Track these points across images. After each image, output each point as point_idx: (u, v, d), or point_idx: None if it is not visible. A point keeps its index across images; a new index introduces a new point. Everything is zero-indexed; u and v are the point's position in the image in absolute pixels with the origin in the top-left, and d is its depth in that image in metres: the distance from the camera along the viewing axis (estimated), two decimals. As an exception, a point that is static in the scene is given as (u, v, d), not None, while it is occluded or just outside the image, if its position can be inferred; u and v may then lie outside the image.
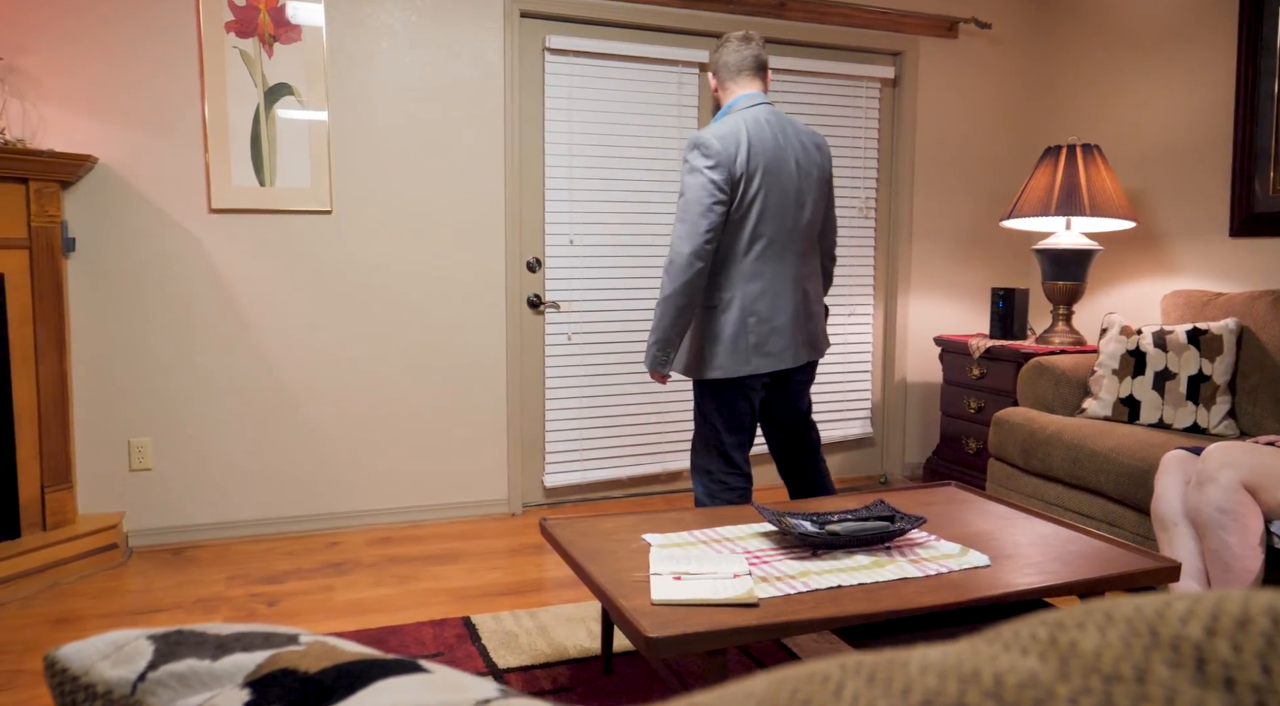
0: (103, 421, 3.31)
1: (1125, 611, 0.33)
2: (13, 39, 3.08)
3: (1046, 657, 0.31)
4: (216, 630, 0.73)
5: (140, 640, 0.70)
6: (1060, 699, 0.27)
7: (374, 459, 3.65)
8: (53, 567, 3.03)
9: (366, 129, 3.51)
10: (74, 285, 3.23)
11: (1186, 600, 0.33)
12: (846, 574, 2.05)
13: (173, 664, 0.67)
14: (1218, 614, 0.32)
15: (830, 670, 0.33)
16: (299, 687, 0.64)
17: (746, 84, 2.72)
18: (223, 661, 0.67)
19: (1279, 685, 0.28)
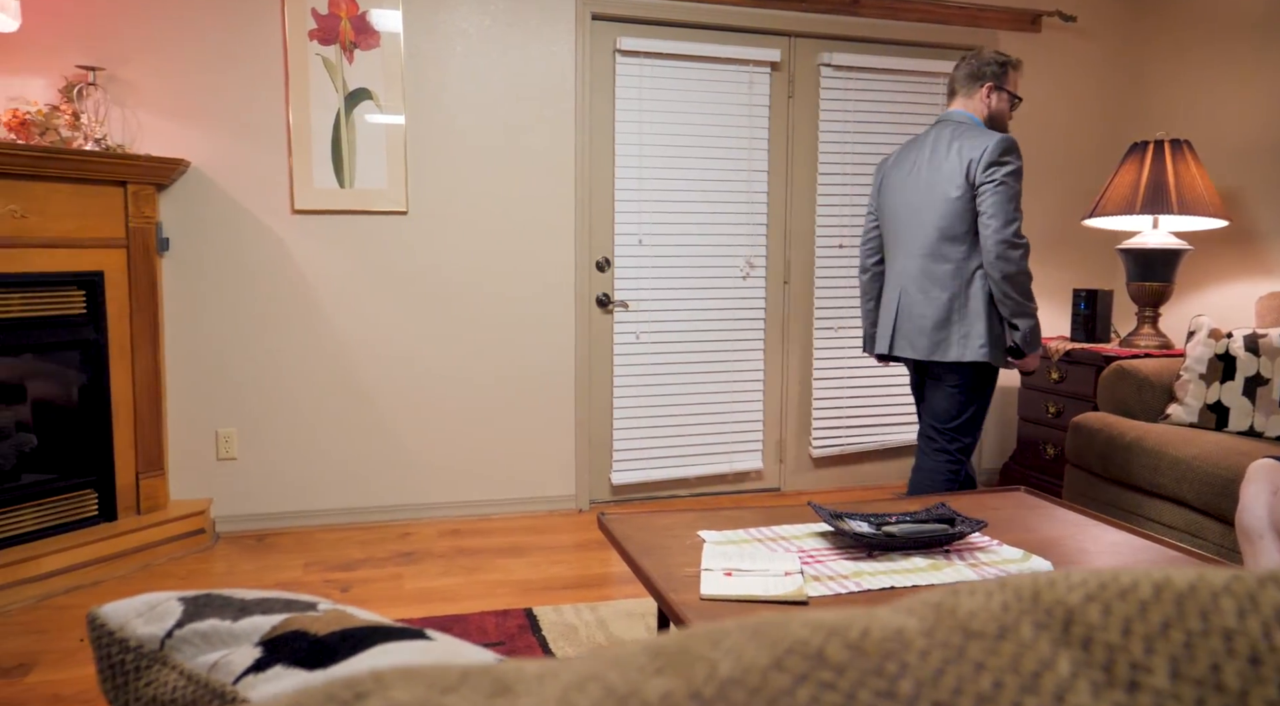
0: (192, 412, 3.49)
1: (1020, 581, 0.34)
2: (115, 50, 3.27)
3: (924, 617, 0.32)
4: (241, 595, 0.77)
5: (171, 601, 0.75)
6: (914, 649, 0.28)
7: (446, 453, 3.75)
8: (145, 549, 3.20)
9: (441, 131, 3.61)
10: (167, 282, 3.41)
11: (1089, 575, 0.34)
12: (901, 575, 2.02)
13: (197, 623, 0.71)
14: (1106, 584, 0.32)
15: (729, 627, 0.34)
16: (306, 647, 0.68)
17: (951, 102, 2.95)
18: (242, 622, 0.72)
19: (1133, 645, 0.29)
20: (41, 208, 2.94)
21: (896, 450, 4.39)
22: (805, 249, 4.14)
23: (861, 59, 4.05)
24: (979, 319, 2.77)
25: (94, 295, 3.11)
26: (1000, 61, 2.87)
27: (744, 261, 4.04)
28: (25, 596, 2.85)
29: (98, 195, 3.08)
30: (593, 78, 3.78)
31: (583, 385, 3.87)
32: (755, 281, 4.07)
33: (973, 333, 2.78)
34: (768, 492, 4.21)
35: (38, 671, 2.44)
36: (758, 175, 4.01)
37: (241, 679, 0.65)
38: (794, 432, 4.22)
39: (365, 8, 3.47)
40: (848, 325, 4.21)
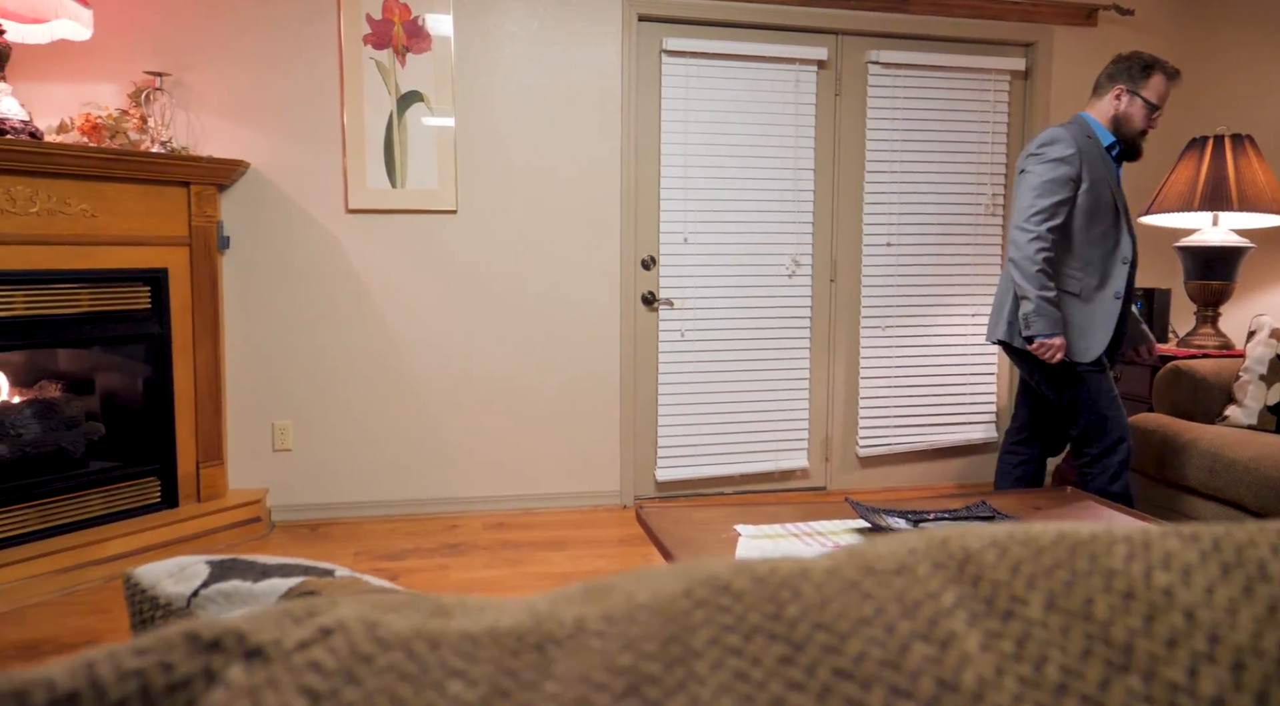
0: (250, 404, 3.61)
1: (936, 531, 0.36)
2: (181, 57, 3.40)
3: (835, 558, 0.34)
4: (264, 560, 0.82)
5: (199, 563, 0.81)
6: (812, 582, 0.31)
7: (492, 448, 3.82)
8: (204, 536, 3.33)
9: (490, 132, 3.68)
10: (227, 279, 3.54)
11: (1003, 528, 0.36)
12: (936, 572, 2.01)
13: (221, 583, 0.76)
14: (1013, 533, 0.34)
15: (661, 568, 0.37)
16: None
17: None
18: (262, 583, 0.76)
19: (1018, 582, 0.31)
20: (111, 207, 3.08)
21: (947, 450, 4.35)
22: (852, 247, 4.12)
23: (910, 56, 4.02)
24: (1008, 300, 2.93)
25: (158, 291, 3.24)
26: (1144, 63, 2.82)
27: (789, 259, 4.04)
28: (92, 577, 2.99)
29: (163, 195, 3.22)
30: (639, 78, 3.81)
31: (628, 382, 3.91)
32: (801, 279, 4.06)
33: (1003, 313, 2.96)
34: (813, 491, 4.19)
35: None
36: (804, 173, 4.01)
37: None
38: (840, 431, 4.21)
39: (418, 12, 3.55)
40: (895, 323, 4.18)
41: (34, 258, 2.91)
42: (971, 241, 4.24)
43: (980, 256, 4.26)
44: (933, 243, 4.18)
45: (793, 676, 0.27)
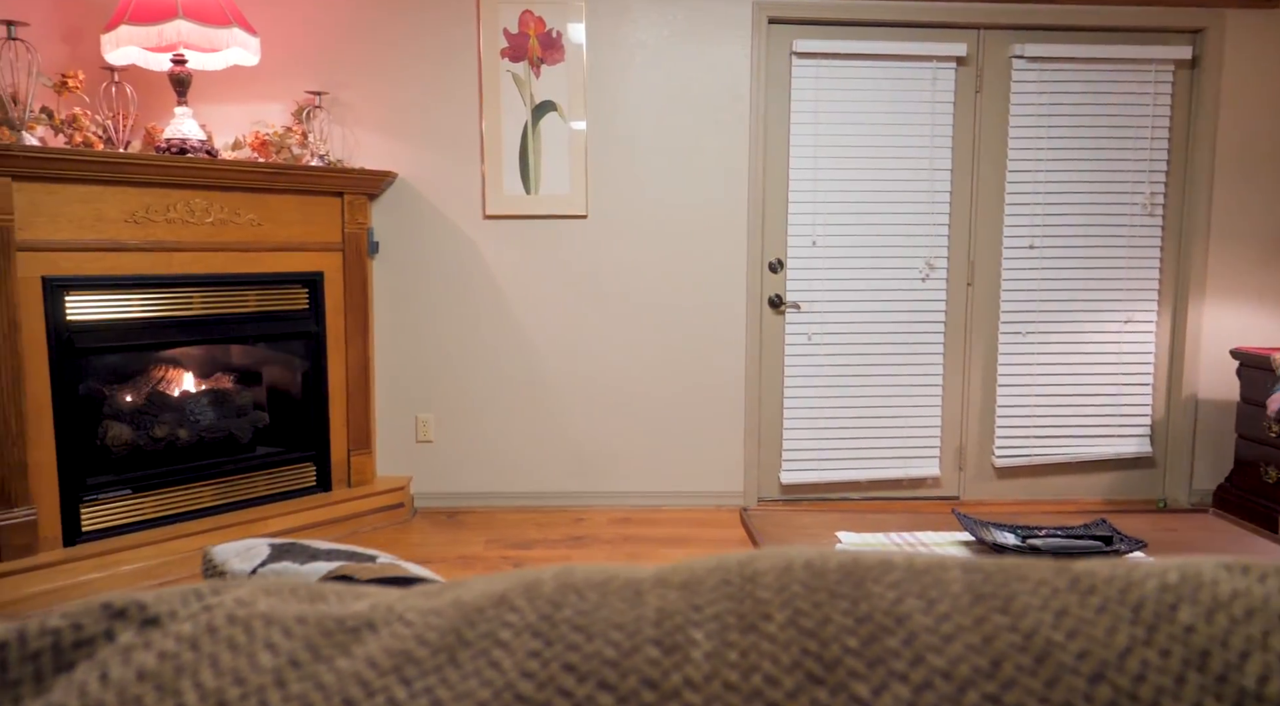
0: (396, 398, 3.87)
1: (745, 555, 0.41)
2: (338, 76, 3.69)
3: (658, 572, 0.39)
4: (318, 545, 0.93)
5: (263, 545, 0.92)
6: (591, 591, 0.36)
7: (620, 444, 3.93)
8: (353, 519, 3.60)
9: (620, 138, 3.79)
10: (376, 281, 3.81)
11: (804, 555, 0.40)
12: (1040, 591, 1.94)
13: (275, 563, 0.87)
14: (811, 559, 0.38)
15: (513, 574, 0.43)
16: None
17: None
18: (308, 565, 0.86)
19: (775, 603, 0.35)
20: (274, 216, 3.39)
21: (1094, 464, 4.11)
22: (991, 249, 3.97)
23: (1059, 49, 3.83)
24: None
25: (315, 293, 3.54)
26: None
27: (923, 262, 3.94)
28: (253, 552, 3.30)
29: (319, 205, 3.50)
30: (768, 81, 3.82)
31: (753, 384, 3.93)
32: (935, 283, 3.95)
33: None
34: (945, 500, 4.07)
35: (256, 616, 2.83)
36: (940, 174, 3.89)
37: None
38: (975, 440, 4.06)
39: (552, 25, 3.70)
40: (1038, 329, 3.99)
41: (209, 263, 3.24)
42: (1127, 243, 3.99)
43: (1136, 259, 4.00)
44: (1081, 244, 3.97)
45: (530, 667, 0.32)
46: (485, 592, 0.38)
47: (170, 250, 3.14)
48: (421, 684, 0.32)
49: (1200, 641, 0.31)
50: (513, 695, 0.31)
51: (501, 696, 0.31)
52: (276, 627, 0.35)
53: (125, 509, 3.10)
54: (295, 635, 0.35)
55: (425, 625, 0.35)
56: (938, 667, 0.31)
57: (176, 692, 0.32)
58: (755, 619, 0.34)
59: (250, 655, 0.33)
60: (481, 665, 0.33)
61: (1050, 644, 0.31)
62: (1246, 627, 0.31)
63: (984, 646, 0.31)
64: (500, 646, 0.33)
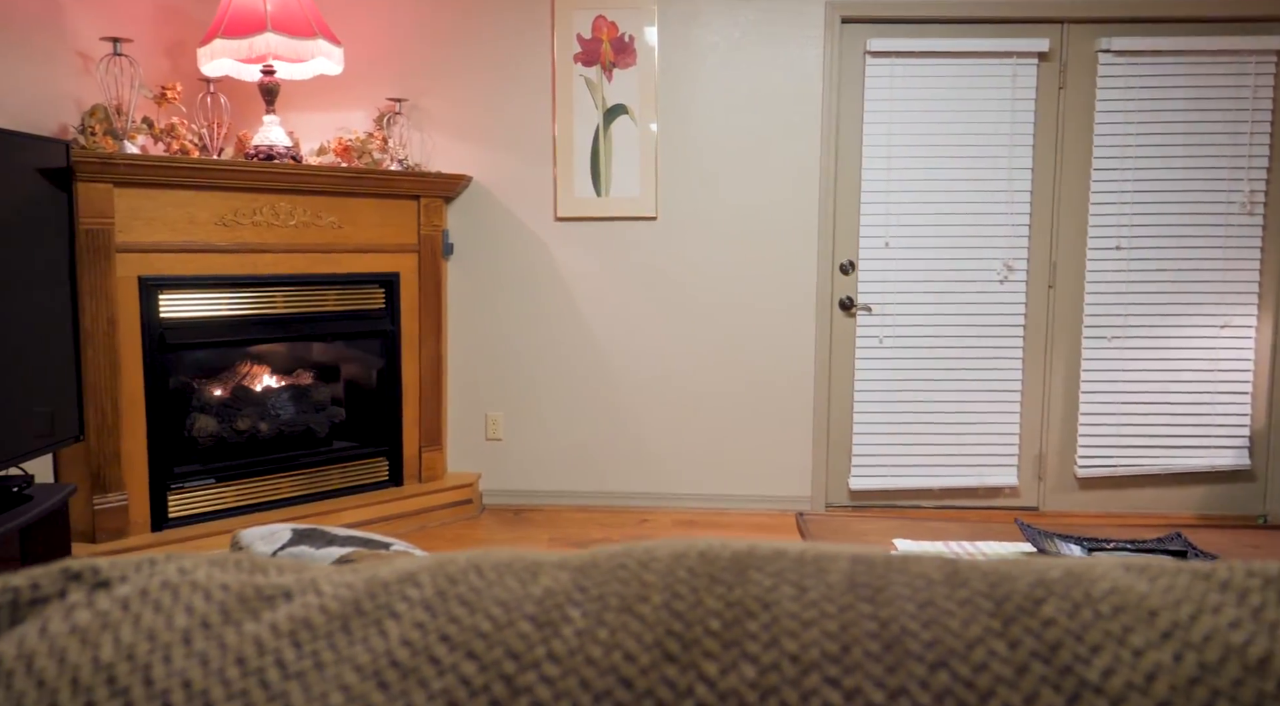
0: (467, 396, 3.97)
1: (657, 544, 0.42)
2: (417, 83, 3.81)
3: (566, 559, 0.41)
4: (335, 531, 0.97)
5: (286, 530, 0.97)
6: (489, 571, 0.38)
7: (686, 446, 3.93)
8: (423, 513, 3.70)
9: (690, 140, 3.80)
10: (450, 282, 3.91)
11: (705, 549, 0.41)
12: (1102, 604, 1.87)
13: (293, 547, 0.91)
14: (708, 549, 0.39)
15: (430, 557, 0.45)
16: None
17: None
18: (322, 550, 0.90)
19: (655, 586, 0.36)
20: (354, 219, 3.51)
21: (1186, 476, 3.93)
22: (1074, 251, 3.84)
23: (1148, 41, 3.68)
24: None
25: (391, 293, 3.65)
26: None
27: (1001, 264, 3.83)
28: (329, 542, 3.43)
29: (396, 207, 3.62)
30: (841, 81, 3.78)
31: (822, 387, 3.88)
32: (1014, 285, 3.84)
33: None
34: (1023, 511, 3.95)
35: (328, 604, 2.94)
36: (1019, 173, 3.78)
37: None
38: (1056, 449, 3.93)
39: (625, 29, 3.74)
40: (1124, 333, 3.84)
41: (292, 263, 3.38)
42: (1223, 244, 3.81)
43: (1234, 260, 3.81)
44: (1173, 245, 3.80)
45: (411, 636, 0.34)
46: (400, 569, 0.40)
47: (256, 251, 3.29)
48: (311, 647, 0.34)
49: (1055, 634, 0.31)
50: (388, 661, 0.33)
51: (378, 661, 0.33)
52: (200, 593, 0.38)
53: (209, 497, 3.26)
54: (214, 599, 0.37)
55: (333, 595, 0.38)
56: (789, 651, 0.32)
57: (96, 646, 0.35)
58: (633, 600, 0.35)
59: (169, 615, 0.36)
60: (370, 633, 0.35)
61: (904, 632, 0.31)
62: (1108, 623, 0.31)
63: (840, 632, 0.32)
64: (392, 617, 0.35)
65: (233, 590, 0.39)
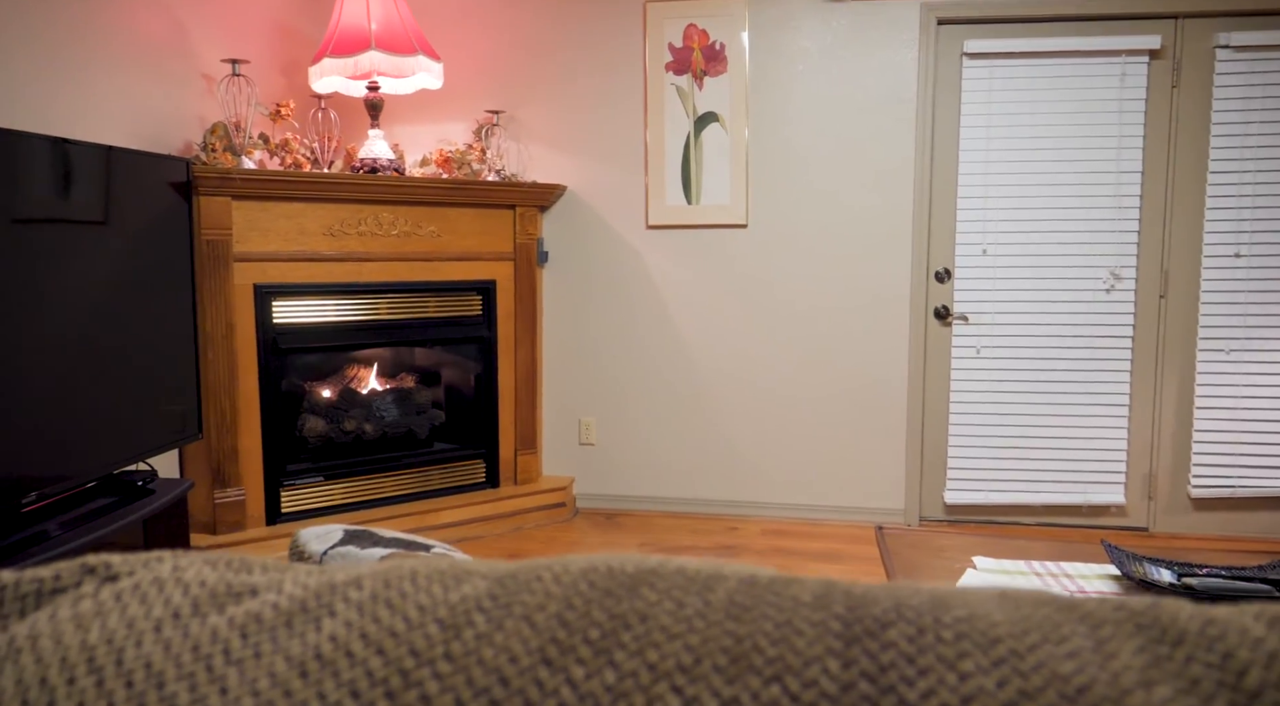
0: (561, 401, 4.06)
1: (538, 563, 0.46)
2: (514, 96, 3.93)
3: (492, 568, 0.45)
4: (383, 533, 1.04)
5: (338, 530, 1.04)
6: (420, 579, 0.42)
7: (777, 455, 3.92)
8: (518, 515, 3.81)
9: (780, 147, 3.79)
10: (545, 288, 4.02)
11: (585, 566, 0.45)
12: (1190, 632, 1.79)
13: (342, 547, 0.99)
14: (589, 566, 0.43)
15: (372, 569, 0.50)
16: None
17: None
18: (367, 550, 0.98)
19: (554, 586, 0.40)
20: (452, 228, 3.66)
21: (1313, 498, 3.68)
22: (1189, 259, 3.64)
23: (1271, 36, 3.46)
24: None
25: (488, 300, 3.78)
26: None
27: (1107, 273, 3.68)
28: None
29: (493, 217, 3.75)
30: (936, 84, 3.70)
31: (915, 398, 3.81)
32: (1122, 294, 3.68)
33: None
34: (1131, 532, 3.77)
35: (421, 598, 3.07)
36: (1128, 176, 3.62)
37: None
38: (1168, 467, 3.74)
39: (716, 37, 3.77)
40: (1244, 346, 3.62)
41: (394, 271, 3.55)
42: (1358, 250, 3.55)
43: (1368, 268, 3.54)
44: (1301, 252, 3.56)
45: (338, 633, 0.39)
46: (353, 572, 0.45)
47: (361, 260, 3.47)
48: (255, 639, 0.39)
49: (890, 656, 0.33)
50: (314, 653, 0.38)
51: (305, 653, 0.38)
52: (180, 587, 0.44)
53: (317, 494, 3.45)
54: (189, 593, 0.43)
55: (288, 594, 0.43)
56: (649, 660, 0.35)
57: (85, 630, 0.41)
58: (533, 609, 0.39)
59: (149, 606, 0.42)
60: (308, 628, 0.40)
61: (753, 647, 0.34)
62: (945, 648, 0.33)
63: (699, 646, 0.35)
64: (330, 615, 0.40)
65: (208, 586, 0.45)
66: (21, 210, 2.05)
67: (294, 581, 0.45)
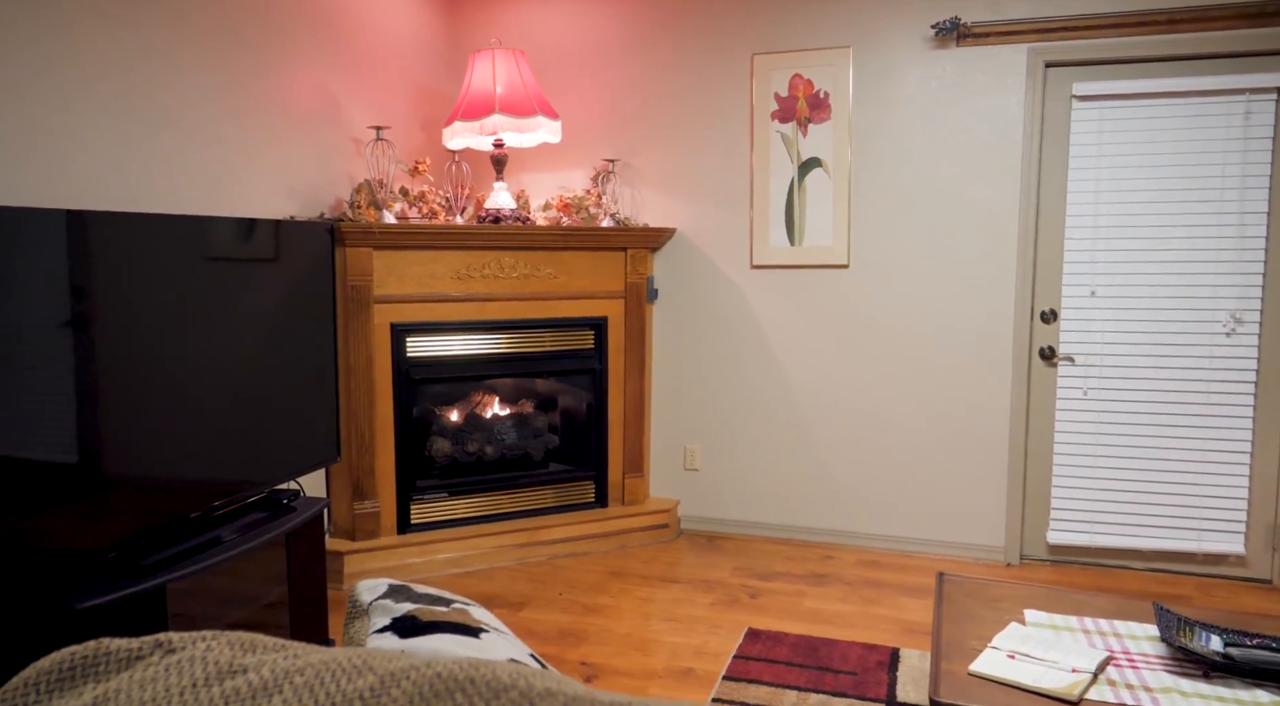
0: (669, 428, 4.31)
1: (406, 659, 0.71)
2: (628, 144, 4.21)
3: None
4: (417, 589, 1.31)
5: (385, 584, 1.32)
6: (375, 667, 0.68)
7: (874, 487, 4.02)
8: (623, 534, 4.08)
9: (882, 190, 3.89)
10: (655, 324, 4.27)
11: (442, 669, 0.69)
12: (1218, 704, 1.84)
13: (382, 600, 1.26)
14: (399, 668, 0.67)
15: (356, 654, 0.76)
16: (409, 626, 1.18)
17: None
18: (399, 604, 1.25)
19: (408, 684, 0.65)
20: (567, 269, 3.97)
21: None
22: (1317, 302, 3.49)
23: None
24: None
25: (599, 335, 4.07)
26: None
27: (1228, 315, 3.57)
28: (538, 554, 3.90)
29: (606, 258, 4.03)
30: (1043, 127, 3.70)
31: (1018, 436, 3.81)
32: (1244, 338, 3.56)
33: None
34: (1252, 583, 3.64)
35: (528, 609, 3.38)
36: (1252, 218, 3.51)
37: (371, 634, 1.17)
38: (1291, 518, 3.58)
39: (820, 87, 3.91)
40: (1379, 396, 3.43)
41: (514, 310, 3.90)
42: None
43: None
44: None
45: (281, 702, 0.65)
46: (303, 663, 0.71)
47: (484, 300, 3.83)
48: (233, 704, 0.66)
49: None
50: (257, 720, 0.64)
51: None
52: (203, 664, 0.71)
53: (442, 508, 3.84)
54: (206, 669, 0.70)
55: (260, 677, 0.69)
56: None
57: (144, 690, 0.69)
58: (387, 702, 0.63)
59: (181, 676, 0.69)
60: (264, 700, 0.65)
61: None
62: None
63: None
64: (279, 692, 0.66)
65: (219, 664, 0.71)
66: (207, 275, 2.48)
67: (270, 666, 0.71)
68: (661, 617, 3.32)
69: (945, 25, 3.66)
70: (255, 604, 2.58)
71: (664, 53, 4.13)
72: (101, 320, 2.15)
